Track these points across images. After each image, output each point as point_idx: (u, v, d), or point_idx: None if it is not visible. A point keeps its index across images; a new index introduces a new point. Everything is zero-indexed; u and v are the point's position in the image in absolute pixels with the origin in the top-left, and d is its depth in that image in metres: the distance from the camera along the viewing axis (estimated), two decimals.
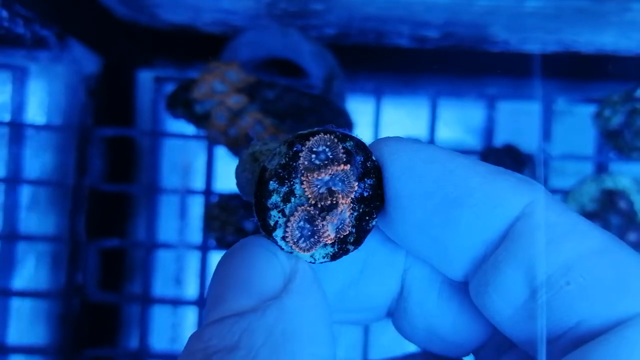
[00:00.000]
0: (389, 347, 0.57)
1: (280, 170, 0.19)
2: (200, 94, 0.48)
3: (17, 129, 0.51)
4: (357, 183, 0.19)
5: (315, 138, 0.19)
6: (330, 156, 0.19)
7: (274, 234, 0.19)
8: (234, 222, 0.53)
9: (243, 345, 0.16)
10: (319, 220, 0.19)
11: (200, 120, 0.49)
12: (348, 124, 0.49)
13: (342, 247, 0.19)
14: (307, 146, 0.19)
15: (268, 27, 0.53)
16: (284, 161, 0.19)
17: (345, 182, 0.19)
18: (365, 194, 0.19)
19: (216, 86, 0.48)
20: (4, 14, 0.43)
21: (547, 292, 0.17)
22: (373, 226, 0.20)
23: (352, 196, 0.19)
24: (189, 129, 0.53)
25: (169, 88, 0.55)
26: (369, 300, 0.22)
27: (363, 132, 0.55)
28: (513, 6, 0.49)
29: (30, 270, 0.54)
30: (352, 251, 0.20)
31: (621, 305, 0.16)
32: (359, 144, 0.19)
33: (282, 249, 0.19)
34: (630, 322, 0.16)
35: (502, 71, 0.58)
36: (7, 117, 0.51)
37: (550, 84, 0.58)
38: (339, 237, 0.19)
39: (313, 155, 0.19)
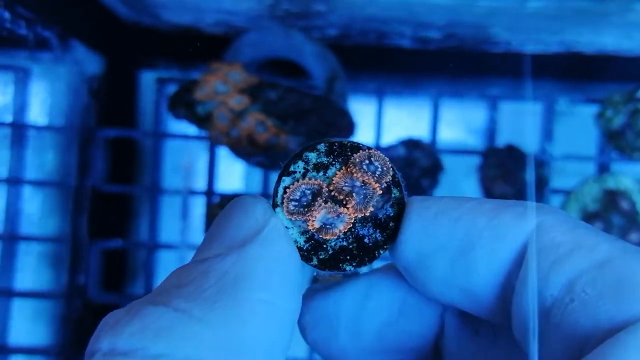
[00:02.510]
0: None
1: (336, 144, 0.19)
2: (202, 95, 0.48)
3: (19, 129, 0.51)
4: (371, 211, 0.19)
5: (380, 154, 0.20)
6: (377, 174, 0.19)
7: (283, 178, 0.19)
8: None
9: (194, 284, 0.17)
10: (320, 200, 0.19)
11: (202, 121, 0.49)
12: (350, 124, 0.49)
13: (309, 252, 0.20)
14: (368, 152, 0.19)
15: (270, 28, 0.53)
16: (346, 142, 0.19)
17: (366, 200, 0.19)
18: (366, 241, 0.20)
19: (218, 87, 0.48)
20: (6, 15, 0.43)
21: (556, 314, 0.17)
22: (344, 269, 0.20)
23: (356, 227, 0.19)
24: (191, 129, 0.53)
25: (171, 89, 0.55)
26: (409, 340, 0.22)
27: (365, 132, 0.55)
28: (514, 7, 0.49)
29: (32, 271, 0.54)
30: (310, 265, 0.20)
31: (620, 312, 0.16)
32: (402, 202, 0.20)
33: (276, 196, 0.19)
34: (628, 326, 0.16)
35: (503, 72, 0.58)
36: (9, 118, 0.51)
37: (552, 85, 0.58)
38: (317, 238, 0.19)
39: (367, 161, 0.19)
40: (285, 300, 0.18)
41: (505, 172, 0.54)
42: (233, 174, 0.60)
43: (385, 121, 0.57)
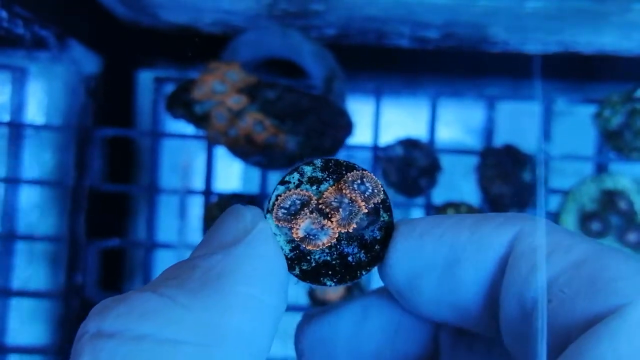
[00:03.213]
0: None
1: (332, 162, 0.20)
2: (200, 94, 0.48)
3: (16, 129, 0.51)
4: (354, 227, 0.20)
5: (373, 177, 0.20)
6: (366, 195, 0.20)
7: (277, 186, 0.20)
8: None
9: (180, 277, 0.18)
10: (305, 210, 0.20)
11: (200, 120, 0.49)
12: (348, 124, 0.49)
13: (293, 261, 0.20)
14: (362, 173, 0.20)
15: (268, 27, 0.53)
16: (341, 162, 0.20)
17: (349, 217, 0.20)
18: (349, 259, 0.20)
19: (216, 86, 0.48)
20: (4, 14, 0.43)
21: (538, 317, 0.17)
22: (324, 284, 0.20)
23: (341, 243, 0.20)
24: (188, 129, 0.53)
25: (169, 88, 0.55)
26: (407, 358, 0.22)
27: (363, 132, 0.55)
28: (513, 7, 0.49)
29: (29, 270, 0.54)
30: (292, 274, 0.20)
31: (595, 306, 0.16)
32: (390, 227, 0.20)
33: (269, 202, 0.20)
34: (602, 319, 0.16)
35: (502, 72, 0.58)
36: (6, 118, 0.51)
37: (550, 85, 0.58)
38: (301, 248, 0.20)
39: (359, 180, 0.20)
40: (269, 296, 0.18)
41: (503, 172, 0.54)
42: (231, 174, 0.60)
43: (383, 121, 0.57)
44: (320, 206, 0.20)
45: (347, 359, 0.22)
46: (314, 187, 0.20)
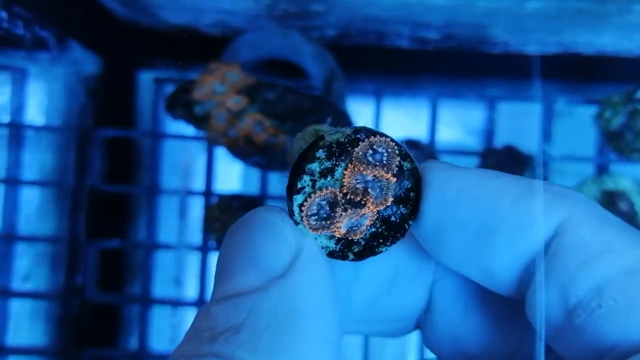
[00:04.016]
0: None
1: (334, 146, 0.18)
2: (200, 95, 0.48)
3: (16, 130, 0.51)
4: (392, 200, 0.19)
5: (382, 138, 0.19)
6: (385, 161, 0.18)
7: (294, 197, 0.19)
8: (234, 223, 0.53)
9: (247, 326, 0.16)
10: (339, 209, 0.18)
11: (200, 121, 0.49)
12: (348, 125, 0.49)
13: (343, 251, 0.19)
14: (370, 140, 0.18)
15: (268, 28, 0.53)
16: (342, 140, 0.18)
17: (383, 192, 0.19)
18: (393, 220, 0.19)
19: (216, 87, 0.48)
20: (4, 15, 0.43)
21: (580, 315, 0.17)
22: (380, 252, 0.19)
23: (379, 210, 0.19)
24: (188, 130, 0.53)
25: (169, 89, 0.55)
26: (400, 310, 0.22)
27: None
28: (513, 7, 0.49)
29: (29, 271, 0.54)
30: (349, 260, 0.19)
31: None
32: (415, 171, 0.19)
33: (292, 214, 0.19)
34: None
35: (502, 72, 0.58)
36: (6, 118, 0.51)
37: (550, 85, 0.57)
38: (347, 237, 0.19)
39: (370, 151, 0.18)
40: (336, 328, 0.18)
41: None
42: (231, 175, 0.60)
43: (383, 121, 0.57)
44: (348, 197, 0.18)
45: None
46: (329, 179, 0.18)
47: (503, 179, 0.18)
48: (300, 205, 0.18)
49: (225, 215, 0.53)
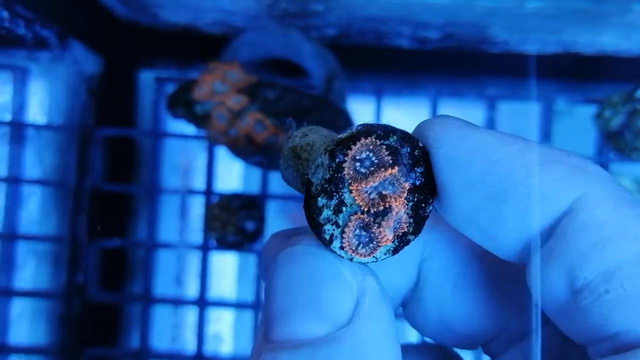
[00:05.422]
0: None
1: (326, 185, 0.18)
2: (201, 95, 0.49)
3: (18, 129, 0.51)
4: (407, 182, 0.18)
5: (357, 146, 0.18)
6: (376, 161, 0.18)
7: (331, 246, 0.18)
8: (235, 222, 0.53)
9: None
10: (375, 227, 0.18)
11: (200, 120, 0.49)
12: (348, 124, 0.49)
13: (402, 239, 0.19)
14: (350, 155, 0.18)
15: (268, 27, 0.53)
16: (328, 175, 0.18)
17: (396, 184, 0.18)
18: (418, 183, 0.19)
19: (217, 86, 0.48)
20: (5, 14, 0.43)
21: (586, 298, 0.16)
22: (430, 211, 0.19)
23: (405, 195, 0.18)
24: (189, 129, 0.53)
25: (170, 88, 0.55)
26: (388, 289, 0.21)
27: None
28: (513, 7, 0.49)
29: (31, 270, 0.54)
30: (412, 241, 0.19)
31: None
32: (403, 135, 0.18)
33: (343, 257, 0.18)
34: None
35: (502, 72, 0.58)
36: (8, 117, 0.51)
37: (550, 85, 0.57)
38: (400, 233, 0.19)
39: (357, 164, 0.18)
40: None
41: None
42: (232, 174, 0.60)
43: (383, 121, 0.57)
44: (372, 211, 0.18)
45: None
46: (345, 210, 0.18)
47: (520, 145, 0.18)
48: (342, 247, 0.18)
49: (226, 214, 0.54)
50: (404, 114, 0.60)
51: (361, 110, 0.57)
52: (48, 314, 0.55)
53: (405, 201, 0.18)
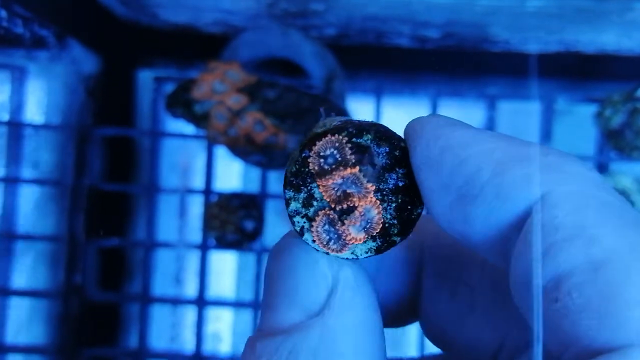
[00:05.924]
0: None
1: (292, 178, 0.18)
2: (200, 94, 0.48)
3: (16, 128, 0.51)
4: (372, 184, 0.18)
5: (322, 142, 0.18)
6: (339, 159, 0.18)
7: (303, 239, 0.18)
8: (234, 221, 0.53)
9: None
10: (339, 224, 0.18)
11: (200, 120, 0.49)
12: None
13: (386, 239, 0.19)
14: (314, 151, 0.18)
15: (268, 27, 0.53)
16: (294, 168, 0.18)
17: (358, 184, 0.18)
18: (401, 184, 0.18)
19: (216, 86, 0.48)
20: (3, 13, 0.43)
21: (541, 303, 0.15)
22: (419, 214, 0.19)
23: (371, 196, 0.18)
24: (188, 128, 0.53)
25: (169, 88, 0.55)
26: (385, 299, 0.21)
27: None
28: (514, 6, 0.49)
29: (29, 270, 0.54)
30: (399, 242, 0.19)
31: (602, 333, 0.14)
32: (380, 134, 0.18)
33: (318, 250, 0.18)
34: (606, 353, 0.14)
35: (502, 71, 0.58)
36: (6, 117, 0.51)
37: (550, 84, 0.57)
38: (374, 233, 0.18)
39: (321, 160, 0.18)
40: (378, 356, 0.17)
41: None
42: (231, 173, 0.60)
43: (383, 120, 0.57)
44: (337, 207, 0.18)
45: None
46: (316, 204, 0.18)
47: (493, 143, 0.17)
48: (314, 241, 0.18)
49: (225, 214, 0.53)
50: (404, 114, 0.60)
51: (361, 110, 0.56)
52: (46, 314, 0.55)
53: (378, 201, 0.18)
